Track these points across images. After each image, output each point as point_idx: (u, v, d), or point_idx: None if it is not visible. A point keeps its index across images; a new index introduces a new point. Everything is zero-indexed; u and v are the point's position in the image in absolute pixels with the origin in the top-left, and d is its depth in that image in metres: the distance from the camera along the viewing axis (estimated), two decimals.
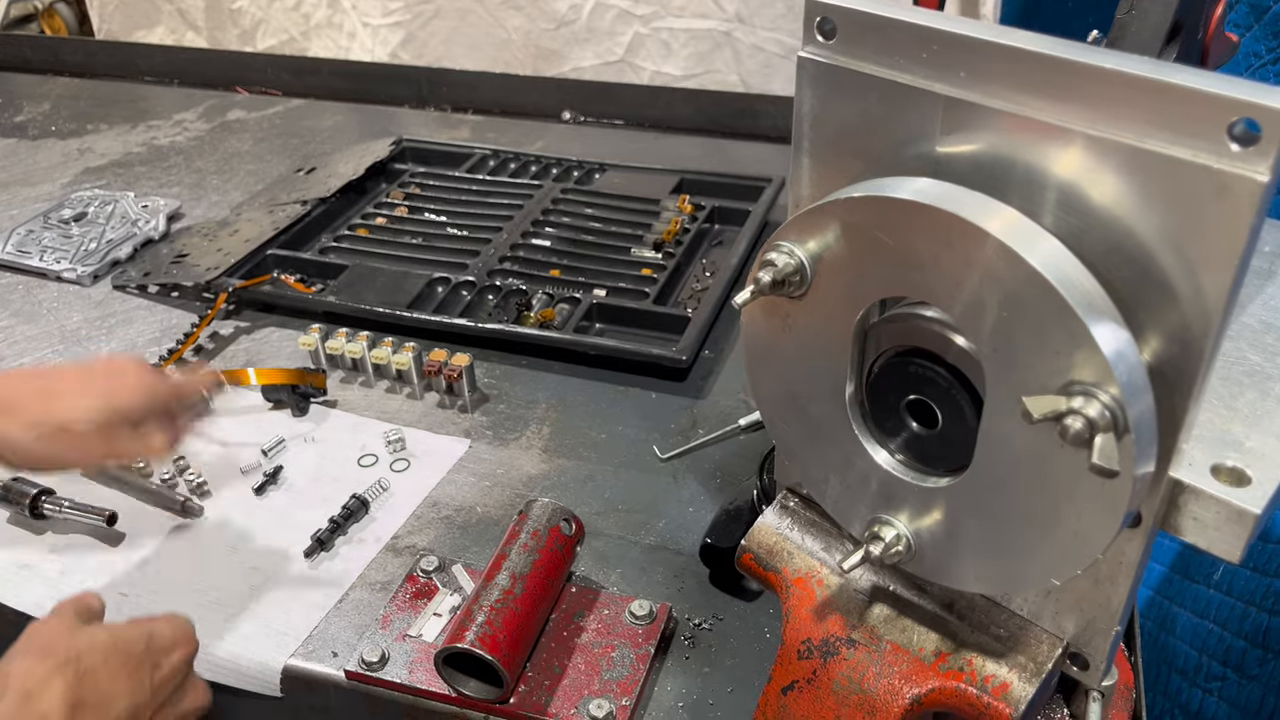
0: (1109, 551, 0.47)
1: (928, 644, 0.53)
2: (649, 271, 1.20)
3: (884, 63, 0.45)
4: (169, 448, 0.79)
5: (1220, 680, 1.22)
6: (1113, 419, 0.39)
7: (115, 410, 0.75)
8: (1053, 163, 0.42)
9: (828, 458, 0.52)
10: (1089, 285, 0.40)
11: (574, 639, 0.80)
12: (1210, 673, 1.24)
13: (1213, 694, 1.23)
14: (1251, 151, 0.36)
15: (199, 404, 0.85)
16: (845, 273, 0.47)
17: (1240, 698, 1.19)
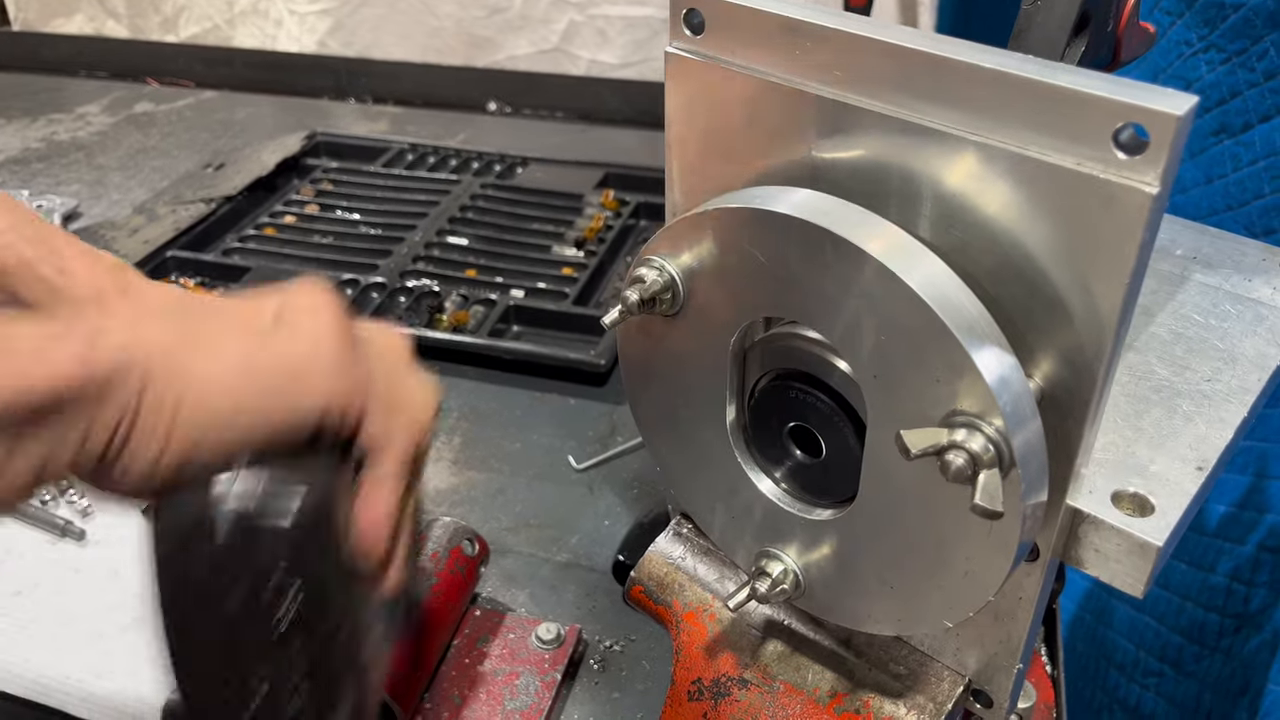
0: (1007, 587, 0.44)
1: (823, 684, 0.50)
2: (570, 271, 1.15)
3: (755, 59, 0.41)
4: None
5: (1157, 676, 1.21)
6: (997, 453, 0.35)
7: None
8: (934, 171, 0.38)
9: (712, 486, 0.49)
10: (972, 308, 0.37)
11: (476, 666, 0.75)
12: (1147, 668, 1.23)
13: (1150, 690, 1.22)
14: (1140, 160, 0.33)
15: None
16: (719, 290, 0.43)
17: (1177, 694, 1.18)
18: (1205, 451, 0.44)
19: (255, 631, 0.42)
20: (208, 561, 0.41)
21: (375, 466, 0.47)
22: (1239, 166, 0.99)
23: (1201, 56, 1.07)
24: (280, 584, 0.41)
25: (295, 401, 0.43)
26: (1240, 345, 0.50)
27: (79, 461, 0.39)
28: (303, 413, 0.43)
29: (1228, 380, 0.48)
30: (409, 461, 0.48)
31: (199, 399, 0.40)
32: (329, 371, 0.44)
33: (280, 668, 0.42)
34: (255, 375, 0.42)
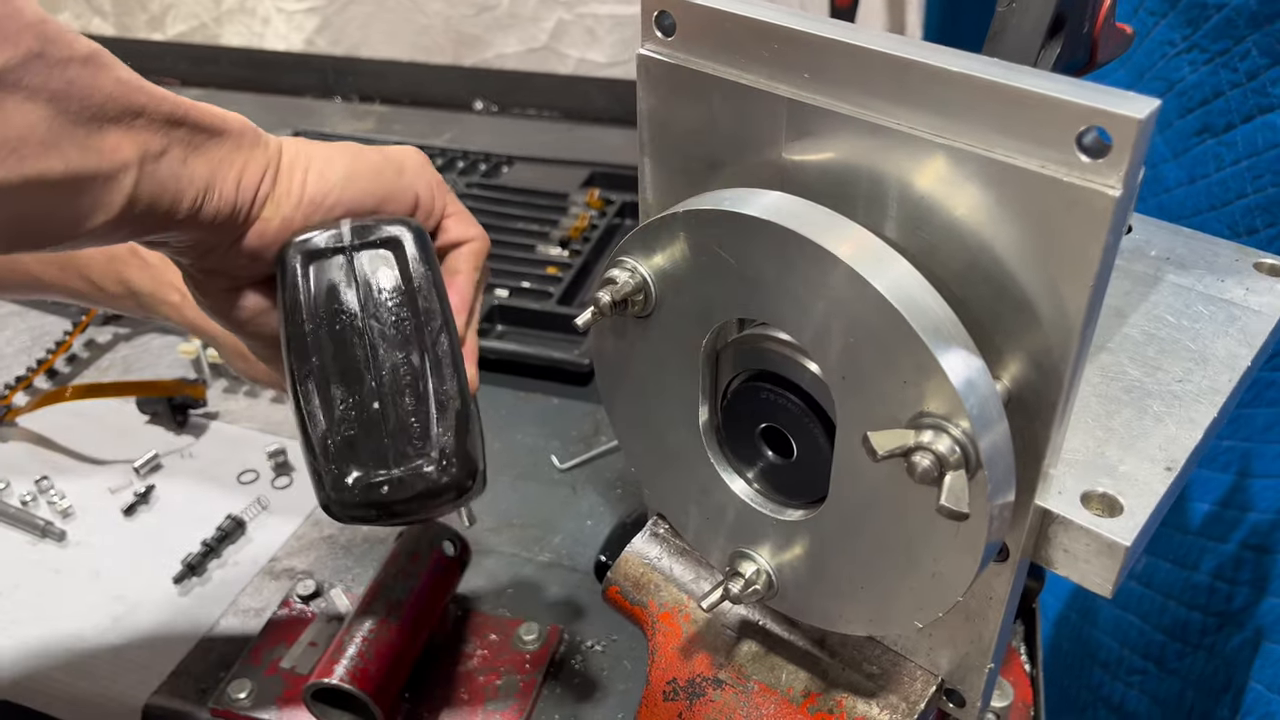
0: (977, 587, 0.44)
1: (797, 683, 0.50)
2: (554, 270, 1.15)
3: (725, 61, 0.41)
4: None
5: (1141, 674, 1.21)
6: (964, 455, 0.36)
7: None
8: (902, 173, 0.38)
9: (686, 487, 0.49)
10: (939, 311, 0.37)
11: (457, 667, 0.76)
12: (1131, 666, 1.23)
13: (1133, 687, 1.23)
14: (1102, 163, 0.33)
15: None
16: (690, 292, 0.43)
17: (1160, 691, 1.19)
18: (1175, 452, 0.44)
19: (381, 326, 0.52)
20: (342, 267, 0.52)
21: (458, 260, 0.58)
22: (1222, 166, 1.00)
23: (1185, 57, 1.08)
24: (402, 283, 0.53)
25: (395, 180, 0.55)
26: (1212, 346, 0.50)
27: (237, 201, 0.49)
28: (401, 190, 0.55)
29: (1199, 381, 0.48)
30: (481, 263, 0.60)
31: (322, 168, 0.52)
32: (420, 167, 0.57)
33: (404, 356, 0.52)
34: (363, 158, 0.54)
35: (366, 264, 0.52)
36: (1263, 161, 0.93)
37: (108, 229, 0.45)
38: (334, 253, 0.52)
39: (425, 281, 0.53)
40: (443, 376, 0.52)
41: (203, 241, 0.50)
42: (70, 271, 0.75)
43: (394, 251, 0.53)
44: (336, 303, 0.52)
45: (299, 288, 0.51)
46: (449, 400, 0.52)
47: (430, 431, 0.51)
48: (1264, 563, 0.96)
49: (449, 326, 0.54)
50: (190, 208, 0.47)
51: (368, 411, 0.51)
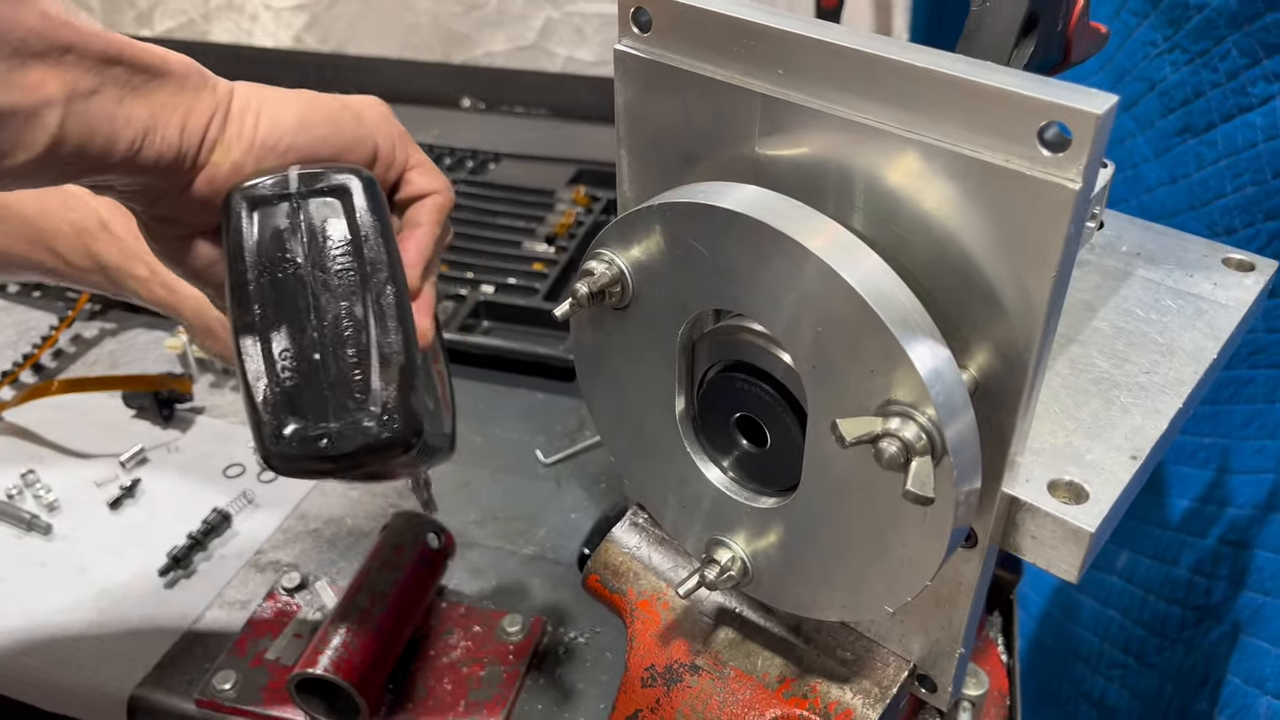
0: (947, 573, 0.45)
1: (772, 669, 0.51)
2: (540, 266, 1.16)
3: (701, 57, 0.42)
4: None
5: (1121, 668, 1.23)
6: (930, 441, 0.36)
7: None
8: (872, 167, 0.39)
9: (663, 476, 0.49)
10: (907, 302, 0.38)
11: (441, 658, 0.76)
12: (1112, 660, 1.24)
13: (1114, 682, 1.24)
14: (1063, 157, 0.34)
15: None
16: (666, 284, 0.43)
17: (1140, 686, 1.20)
18: (1140, 441, 0.45)
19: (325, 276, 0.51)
20: (287, 214, 0.50)
21: (420, 212, 0.57)
22: (1203, 166, 1.01)
23: (1166, 57, 1.09)
24: (349, 232, 0.51)
25: (354, 129, 0.54)
26: (1179, 339, 0.51)
27: (182, 145, 0.47)
28: (360, 139, 0.54)
29: (1165, 373, 0.49)
30: (443, 217, 0.58)
31: (275, 113, 0.51)
32: (382, 118, 0.56)
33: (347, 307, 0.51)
34: (319, 104, 0.53)
35: (313, 212, 0.51)
36: (1242, 161, 0.94)
37: (31, 168, 0.43)
38: (279, 200, 0.50)
39: (373, 232, 0.52)
40: (387, 329, 0.51)
41: (150, 186, 0.48)
42: (38, 246, 0.73)
43: (342, 200, 0.51)
44: (280, 251, 0.50)
45: (242, 234, 0.50)
46: (392, 353, 0.50)
47: (371, 385, 0.50)
48: (1242, 557, 0.97)
49: (396, 278, 0.52)
50: (128, 150, 0.45)
51: (308, 363, 0.50)
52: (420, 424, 0.51)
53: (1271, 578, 0.90)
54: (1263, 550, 0.93)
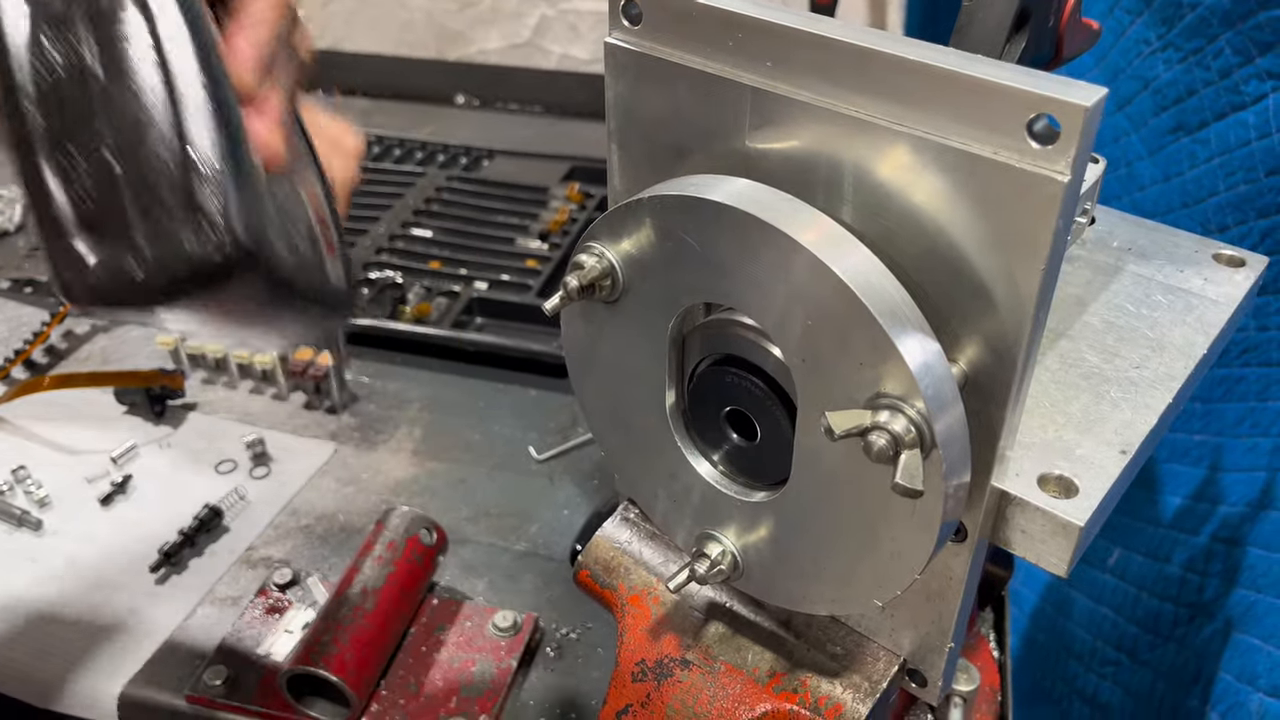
0: (936, 567, 0.45)
1: (763, 664, 0.51)
2: (534, 263, 1.16)
3: (691, 50, 0.42)
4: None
5: (1114, 665, 1.23)
6: (919, 434, 0.36)
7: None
8: (862, 160, 0.39)
9: (653, 470, 0.49)
10: (896, 295, 0.37)
11: (433, 654, 0.76)
12: (1104, 657, 1.24)
13: (1107, 679, 1.24)
14: (1052, 149, 0.34)
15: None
16: (657, 277, 0.43)
17: (1133, 683, 1.20)
18: (1130, 436, 0.45)
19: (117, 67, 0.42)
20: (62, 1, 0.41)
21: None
22: (1195, 164, 1.01)
23: (1159, 55, 1.09)
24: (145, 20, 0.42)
25: None
26: (1169, 334, 0.51)
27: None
28: None
29: (1155, 368, 0.49)
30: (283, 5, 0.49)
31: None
32: None
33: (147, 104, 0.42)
34: None
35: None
36: (1234, 159, 0.94)
37: None
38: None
39: (173, 13, 0.43)
40: (202, 127, 0.43)
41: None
42: None
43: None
44: (60, 45, 0.42)
45: (5, 32, 0.42)
46: (209, 160, 0.43)
47: (190, 193, 0.42)
48: (1234, 555, 0.97)
49: (210, 68, 0.44)
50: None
51: (107, 176, 0.42)
52: (256, 241, 0.43)
53: (1264, 575, 0.90)
54: (1255, 548, 0.93)
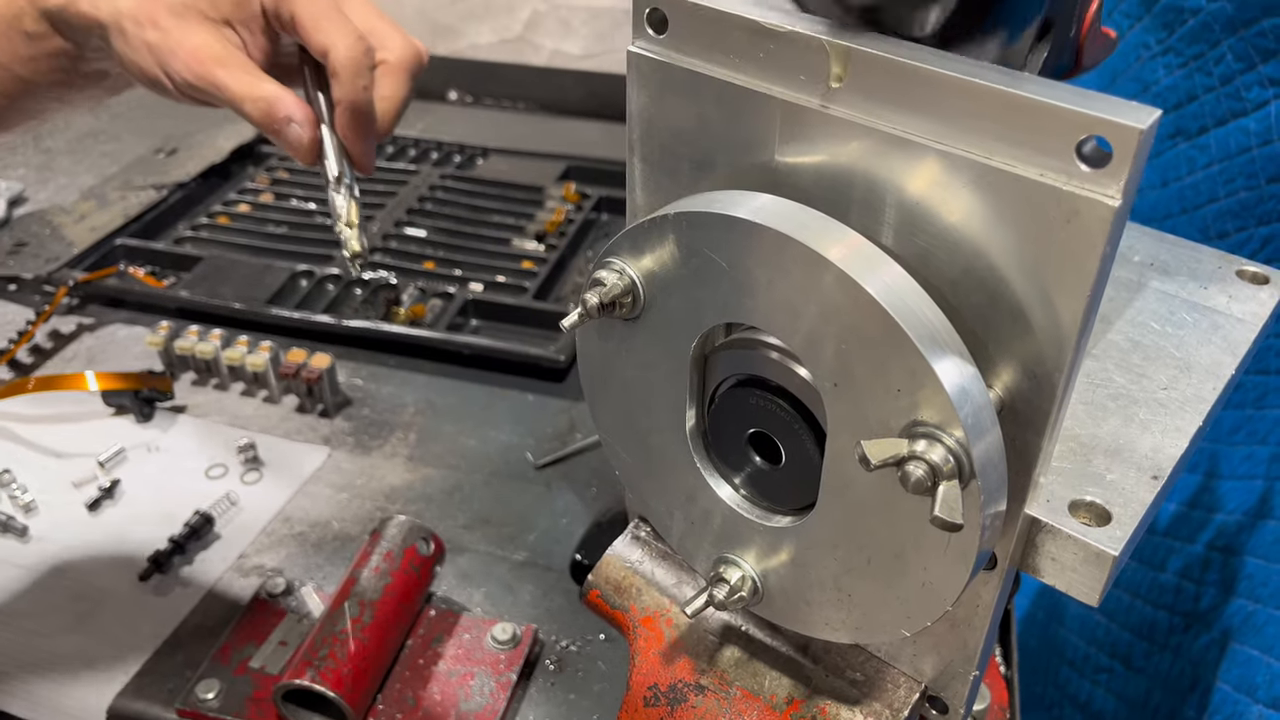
0: (965, 595, 0.44)
1: (780, 690, 0.49)
2: (530, 264, 1.14)
3: (719, 61, 0.41)
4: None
5: (1108, 672, 1.23)
6: (957, 464, 0.35)
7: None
8: (898, 178, 0.38)
9: (671, 491, 0.48)
10: (934, 318, 0.36)
11: (430, 667, 0.75)
12: (1098, 664, 1.24)
13: (1100, 685, 1.24)
14: (1102, 173, 0.33)
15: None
16: (680, 295, 0.42)
17: (1126, 690, 1.20)
18: (1161, 461, 0.44)
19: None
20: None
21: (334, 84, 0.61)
22: (1194, 170, 1.00)
23: (1160, 60, 1.08)
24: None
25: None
26: (1196, 354, 0.50)
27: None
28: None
29: (1183, 389, 0.48)
30: (351, 79, 0.60)
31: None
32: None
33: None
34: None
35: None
36: (1235, 165, 0.93)
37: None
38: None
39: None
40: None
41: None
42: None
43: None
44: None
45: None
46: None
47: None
48: (1231, 564, 0.97)
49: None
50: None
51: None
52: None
53: (1262, 585, 0.90)
54: (1253, 557, 0.93)
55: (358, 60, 0.60)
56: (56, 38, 0.61)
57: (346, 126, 0.62)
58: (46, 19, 0.60)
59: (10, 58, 0.62)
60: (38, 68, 0.62)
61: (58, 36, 0.61)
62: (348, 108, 0.61)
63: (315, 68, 0.63)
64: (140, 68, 0.59)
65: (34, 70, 0.62)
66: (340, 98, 0.61)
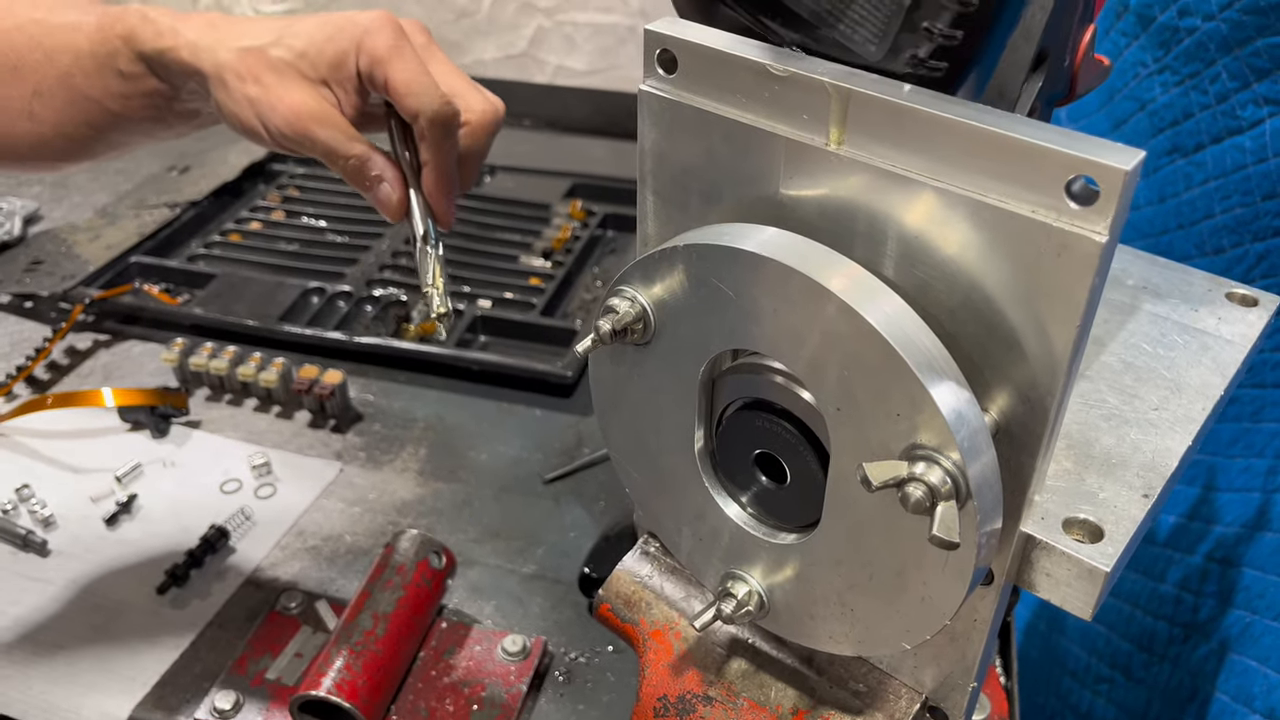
0: (963, 610, 0.46)
1: (785, 701, 0.51)
2: (537, 281, 1.16)
3: (726, 100, 0.42)
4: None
5: (1108, 682, 1.24)
6: (954, 485, 0.37)
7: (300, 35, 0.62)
8: (897, 213, 0.40)
9: (680, 509, 0.50)
10: (931, 346, 0.38)
11: (443, 679, 0.76)
12: (1099, 675, 1.25)
13: (1101, 696, 1.25)
14: (1090, 210, 0.34)
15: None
16: (689, 322, 0.44)
17: (1127, 700, 1.21)
18: (1152, 479, 0.46)
19: None
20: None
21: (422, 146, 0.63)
22: (1190, 186, 1.02)
23: (1156, 78, 1.10)
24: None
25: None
26: (1186, 375, 0.52)
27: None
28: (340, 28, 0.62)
29: (1174, 409, 0.50)
30: (440, 138, 0.62)
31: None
32: (378, 18, 0.62)
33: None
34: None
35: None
36: (1231, 182, 0.95)
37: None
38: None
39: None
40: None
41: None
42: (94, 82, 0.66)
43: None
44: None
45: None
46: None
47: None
48: (1230, 575, 0.98)
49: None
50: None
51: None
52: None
53: (1259, 596, 0.91)
54: (1250, 568, 0.94)
55: (446, 124, 0.62)
56: (152, 79, 0.63)
57: (433, 185, 0.64)
58: (143, 60, 0.62)
59: (102, 93, 0.64)
60: (130, 105, 0.64)
61: (153, 78, 0.63)
62: (434, 168, 0.63)
63: (403, 126, 0.65)
64: (239, 118, 0.62)
65: (126, 106, 0.64)
66: (428, 159, 0.63)
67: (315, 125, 0.61)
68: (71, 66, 0.63)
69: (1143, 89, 1.08)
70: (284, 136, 0.62)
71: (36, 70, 0.64)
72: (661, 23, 0.44)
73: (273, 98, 0.60)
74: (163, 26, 0.62)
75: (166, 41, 0.61)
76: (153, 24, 0.62)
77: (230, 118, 0.63)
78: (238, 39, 0.61)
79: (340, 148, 0.62)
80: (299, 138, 0.61)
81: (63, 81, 0.64)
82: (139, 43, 0.62)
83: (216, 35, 0.61)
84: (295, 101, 0.60)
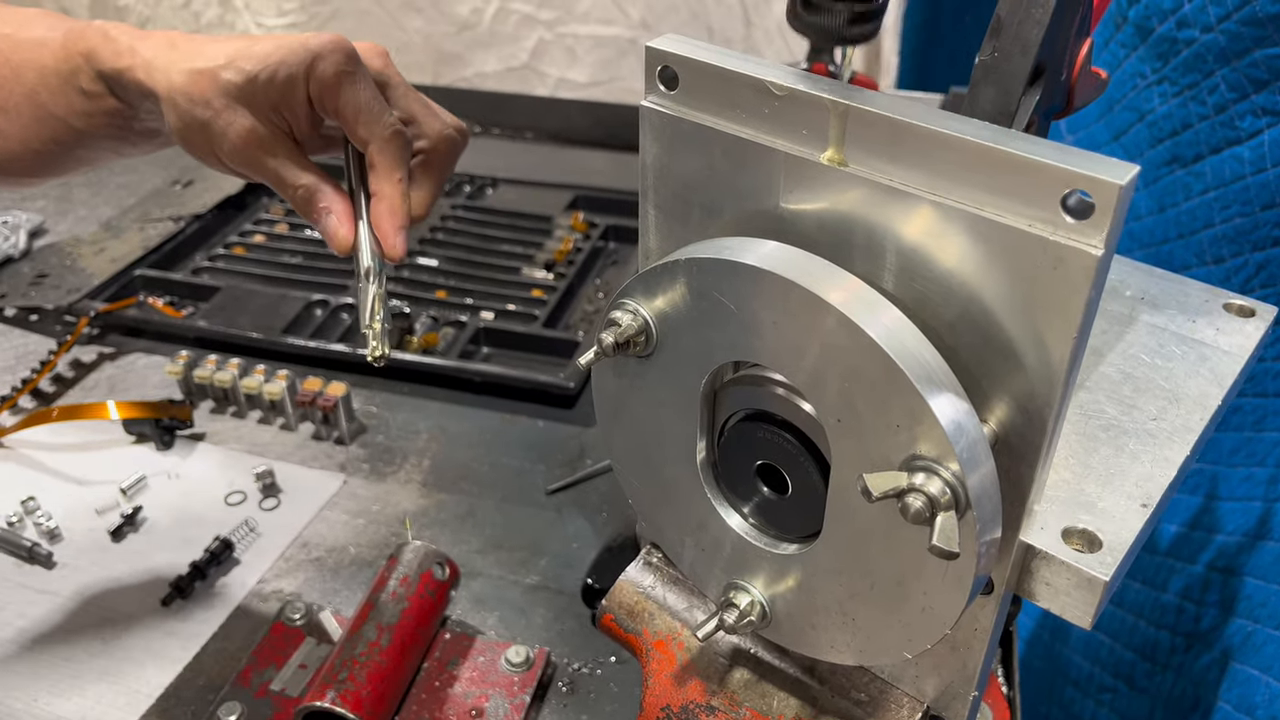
0: (963, 619, 0.46)
1: (788, 710, 0.51)
2: (539, 293, 1.17)
3: (726, 115, 0.43)
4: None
5: (1111, 692, 1.24)
6: (954, 496, 0.37)
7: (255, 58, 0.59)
8: (896, 227, 0.40)
9: (682, 520, 0.50)
10: (930, 358, 0.38)
11: (446, 689, 0.77)
12: (1101, 684, 1.25)
13: (1104, 705, 1.25)
14: (1086, 224, 0.35)
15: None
16: (691, 335, 0.44)
17: (1130, 709, 1.21)
18: (1150, 489, 0.46)
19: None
20: None
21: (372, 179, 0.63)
22: (1190, 196, 1.02)
23: (1155, 89, 1.11)
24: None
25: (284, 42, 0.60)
26: (1184, 385, 0.52)
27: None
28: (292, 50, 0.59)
29: (1172, 420, 0.50)
30: (390, 169, 0.62)
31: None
32: (329, 42, 0.59)
33: None
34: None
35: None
36: (1230, 192, 0.95)
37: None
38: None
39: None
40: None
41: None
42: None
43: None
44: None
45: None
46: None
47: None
48: (1231, 584, 0.99)
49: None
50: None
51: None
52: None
53: (1261, 605, 0.92)
54: (1252, 578, 0.94)
55: (395, 155, 0.62)
56: (111, 98, 0.63)
57: (381, 217, 0.63)
58: (102, 80, 0.62)
59: (66, 111, 0.63)
60: (93, 122, 0.64)
61: (112, 98, 0.63)
62: (382, 199, 0.63)
63: (357, 153, 0.64)
64: (190, 142, 0.61)
65: (89, 124, 0.64)
66: (376, 190, 0.63)
67: (262, 153, 0.60)
68: (37, 84, 0.63)
69: (1142, 100, 1.09)
70: (233, 162, 0.61)
71: (3, 86, 0.64)
72: (663, 40, 0.44)
73: (222, 123, 0.59)
74: (121, 46, 0.61)
75: (124, 61, 0.60)
76: (113, 43, 0.61)
77: (182, 141, 0.62)
78: (192, 60, 0.59)
79: (288, 177, 0.61)
80: (247, 164, 0.61)
81: (29, 98, 0.64)
82: (99, 61, 0.61)
83: (172, 56, 0.60)
84: (244, 128, 0.60)
